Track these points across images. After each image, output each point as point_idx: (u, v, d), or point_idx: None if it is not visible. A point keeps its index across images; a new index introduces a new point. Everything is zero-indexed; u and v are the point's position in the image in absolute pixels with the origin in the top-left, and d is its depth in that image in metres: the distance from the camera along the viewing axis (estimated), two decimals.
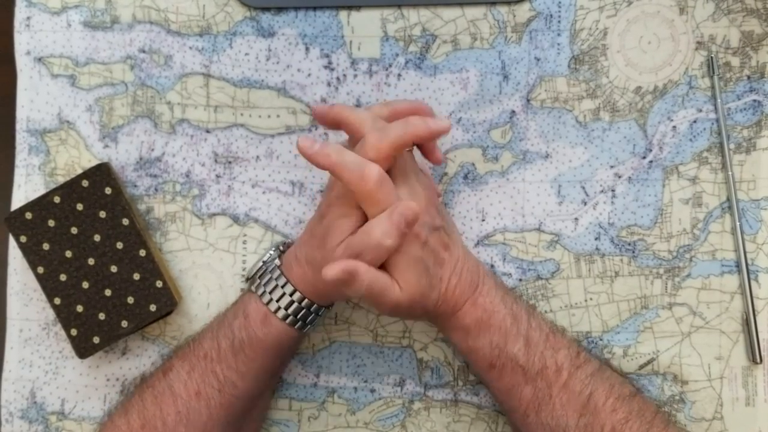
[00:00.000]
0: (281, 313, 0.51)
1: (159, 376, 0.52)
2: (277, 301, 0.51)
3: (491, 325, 0.50)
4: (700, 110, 0.57)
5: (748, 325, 0.56)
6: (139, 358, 0.58)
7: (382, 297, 0.47)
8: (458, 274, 0.51)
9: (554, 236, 0.57)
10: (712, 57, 0.57)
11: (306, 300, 0.51)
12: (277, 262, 0.52)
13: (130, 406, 0.52)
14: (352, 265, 0.45)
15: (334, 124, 0.52)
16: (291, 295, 0.51)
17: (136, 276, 0.55)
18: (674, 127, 0.57)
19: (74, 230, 0.55)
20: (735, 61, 0.57)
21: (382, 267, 0.48)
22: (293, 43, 0.58)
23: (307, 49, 0.58)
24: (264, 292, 0.51)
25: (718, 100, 0.57)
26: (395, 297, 0.48)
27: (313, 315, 0.52)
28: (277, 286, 0.51)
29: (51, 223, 0.55)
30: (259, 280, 0.52)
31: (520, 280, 0.57)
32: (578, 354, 0.51)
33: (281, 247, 0.55)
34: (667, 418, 0.54)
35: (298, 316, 0.51)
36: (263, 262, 0.53)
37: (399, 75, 0.58)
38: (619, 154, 0.57)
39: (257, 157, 0.58)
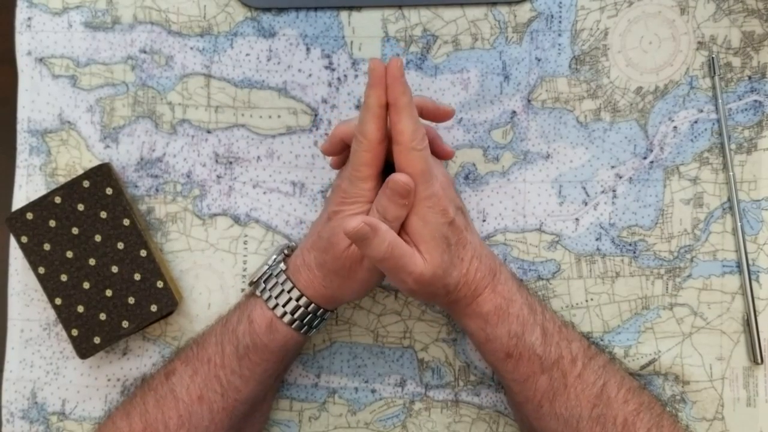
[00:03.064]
0: (287, 318, 0.51)
1: (161, 379, 0.52)
2: (284, 306, 0.51)
3: (510, 313, 0.50)
4: (701, 110, 0.57)
5: (749, 325, 0.56)
6: (140, 359, 0.58)
7: (406, 265, 0.47)
8: (479, 258, 0.50)
9: (555, 236, 0.57)
10: (713, 57, 0.57)
11: (312, 305, 0.51)
12: (282, 266, 0.52)
13: (132, 408, 0.52)
14: (374, 221, 0.45)
15: (341, 147, 0.52)
16: (297, 300, 0.51)
17: (137, 276, 0.55)
18: (675, 127, 0.57)
19: (75, 230, 0.55)
20: (736, 62, 0.57)
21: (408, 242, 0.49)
22: (294, 44, 0.58)
23: (308, 49, 0.58)
24: (270, 297, 0.51)
25: (719, 101, 0.57)
26: (419, 267, 0.47)
27: (319, 319, 0.52)
28: (283, 291, 0.51)
29: (52, 223, 0.55)
30: (264, 285, 0.52)
31: (521, 280, 0.57)
32: (589, 346, 0.52)
33: (285, 251, 0.54)
34: (672, 414, 0.55)
35: (304, 321, 0.51)
36: (267, 266, 0.53)
37: None
38: (620, 154, 0.57)
39: (258, 157, 0.58)
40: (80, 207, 0.55)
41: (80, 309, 0.55)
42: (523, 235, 0.57)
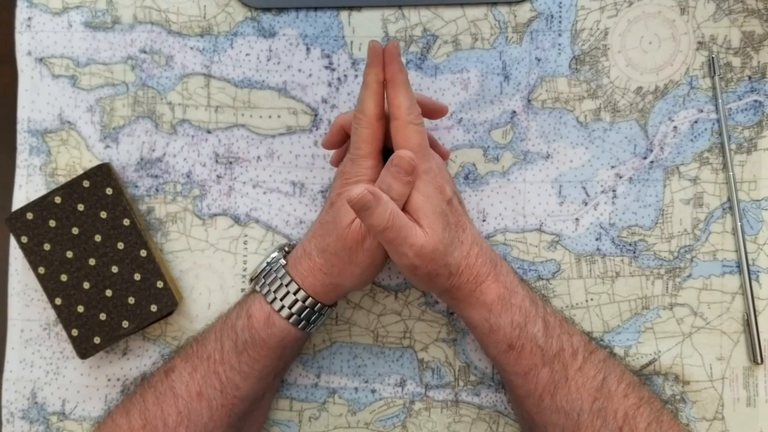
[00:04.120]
0: (285, 312, 0.51)
1: (161, 377, 0.52)
2: (282, 300, 0.51)
3: (512, 303, 0.50)
4: (701, 110, 0.57)
5: (749, 325, 0.56)
6: (140, 359, 0.58)
7: (407, 236, 0.47)
8: (479, 245, 0.51)
9: (555, 236, 0.57)
10: (713, 57, 0.57)
11: (310, 299, 0.51)
12: (282, 262, 0.52)
13: (132, 405, 0.52)
14: (376, 189, 0.46)
15: (342, 137, 0.53)
16: (295, 293, 0.51)
17: (137, 276, 0.55)
18: (675, 127, 0.57)
19: (75, 230, 0.55)
20: (736, 62, 0.57)
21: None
22: (294, 44, 0.58)
23: (308, 49, 0.58)
24: (268, 291, 0.51)
25: (719, 101, 0.57)
26: (420, 239, 0.48)
27: (316, 314, 0.52)
28: (281, 285, 0.51)
29: (52, 223, 0.55)
30: (263, 280, 0.52)
31: (522, 280, 0.57)
32: (590, 341, 0.52)
33: (286, 248, 0.55)
34: (671, 410, 0.55)
35: (302, 316, 0.51)
36: (267, 262, 0.53)
37: None
38: (620, 154, 0.57)
39: (258, 157, 0.58)
40: (80, 207, 0.55)
41: (80, 309, 0.55)
42: (523, 235, 0.57)
